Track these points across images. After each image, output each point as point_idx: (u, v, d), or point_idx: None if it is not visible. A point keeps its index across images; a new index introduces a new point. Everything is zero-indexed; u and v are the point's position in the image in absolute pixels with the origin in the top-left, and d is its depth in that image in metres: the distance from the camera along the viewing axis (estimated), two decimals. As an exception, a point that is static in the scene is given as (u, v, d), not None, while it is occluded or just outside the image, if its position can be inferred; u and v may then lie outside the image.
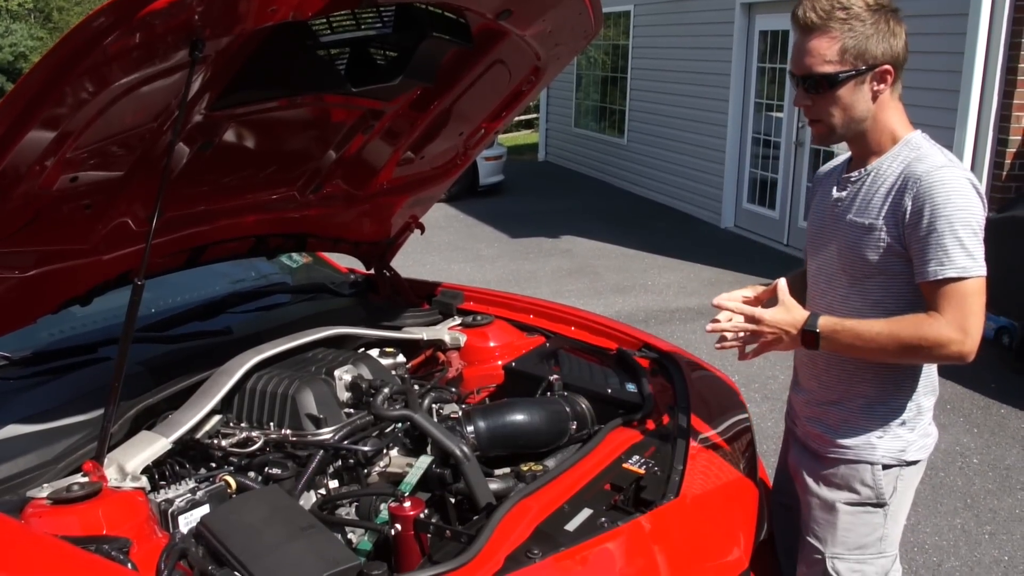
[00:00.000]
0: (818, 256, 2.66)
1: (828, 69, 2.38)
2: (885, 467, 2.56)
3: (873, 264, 2.45)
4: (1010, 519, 4.92)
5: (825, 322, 2.42)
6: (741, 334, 2.54)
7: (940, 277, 2.31)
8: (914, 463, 2.59)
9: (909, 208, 2.35)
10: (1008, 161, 7.92)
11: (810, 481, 2.66)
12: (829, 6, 2.36)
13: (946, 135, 8.24)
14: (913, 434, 2.57)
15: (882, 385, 2.55)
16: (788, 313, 2.45)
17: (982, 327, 2.34)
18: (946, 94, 8.28)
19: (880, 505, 2.58)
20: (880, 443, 2.55)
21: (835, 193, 2.60)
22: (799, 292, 2.77)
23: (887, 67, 2.39)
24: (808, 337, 2.43)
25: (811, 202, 2.79)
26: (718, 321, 2.53)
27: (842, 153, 2.73)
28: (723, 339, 2.56)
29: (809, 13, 2.39)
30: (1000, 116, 7.92)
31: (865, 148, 2.52)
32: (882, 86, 2.41)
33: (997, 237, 7.07)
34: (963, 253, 2.30)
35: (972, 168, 8.09)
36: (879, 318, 2.42)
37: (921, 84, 8.70)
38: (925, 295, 2.38)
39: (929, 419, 2.63)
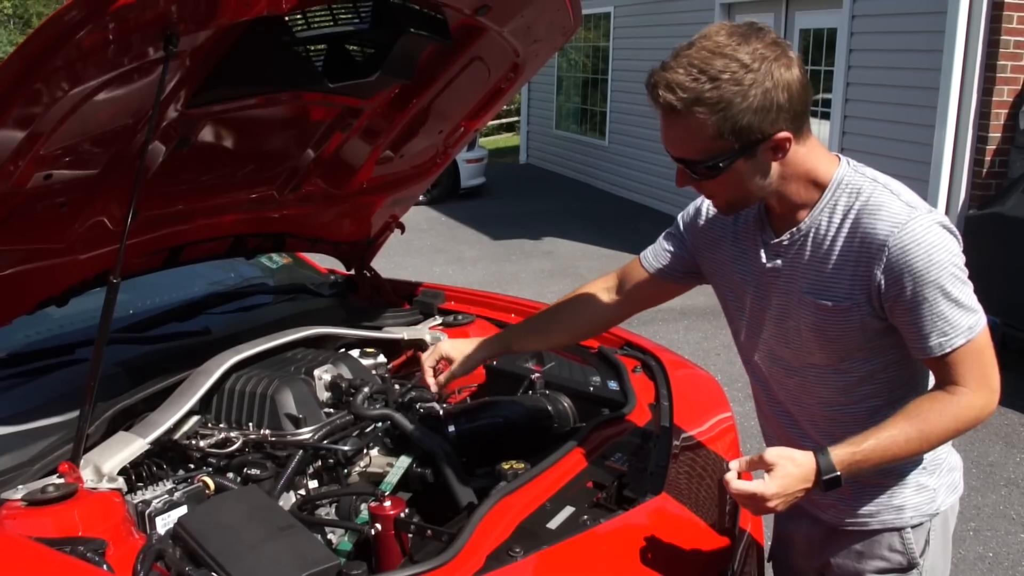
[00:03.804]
0: (766, 333, 2.24)
1: (703, 157, 1.94)
2: (913, 527, 2.22)
3: (849, 344, 2.08)
4: (994, 515, 4.93)
5: (841, 458, 1.96)
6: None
7: (948, 350, 1.96)
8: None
9: (883, 281, 1.95)
10: (988, 158, 7.96)
11: (828, 556, 2.33)
12: (690, 81, 1.84)
13: (926, 133, 8.29)
14: (935, 478, 2.22)
15: None
16: (795, 467, 1.95)
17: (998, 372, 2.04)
18: (926, 92, 8.33)
19: (911, 567, 2.24)
20: (906, 502, 2.20)
21: (767, 261, 2.16)
22: (557, 328, 2.70)
23: (782, 136, 1.92)
24: (831, 484, 1.95)
25: (711, 249, 2.34)
26: None
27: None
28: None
29: (665, 96, 1.87)
30: (980, 113, 7.98)
31: (786, 204, 2.08)
32: (780, 154, 1.96)
33: (978, 234, 7.21)
34: (963, 312, 1.95)
35: (952, 166, 8.13)
36: (871, 396, 2.13)
37: (901, 82, 8.76)
38: (933, 369, 2.04)
39: (948, 450, 2.27)
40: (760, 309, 2.23)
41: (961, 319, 1.95)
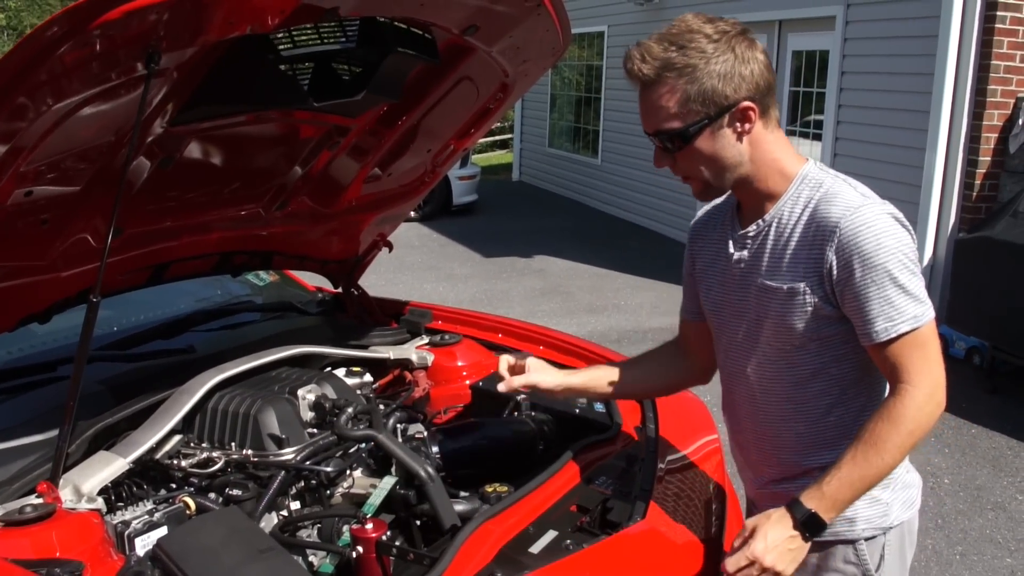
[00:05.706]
0: (728, 328, 2.32)
1: (675, 124, 2.06)
2: (867, 539, 2.24)
3: (802, 331, 2.12)
4: (981, 539, 4.92)
5: (809, 495, 2.06)
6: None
7: (893, 335, 2.01)
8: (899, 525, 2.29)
9: (835, 263, 2.03)
10: (978, 182, 8.00)
11: None
12: (661, 50, 2.02)
13: (917, 156, 8.32)
14: (889, 492, 2.24)
15: (841, 447, 2.11)
16: (770, 520, 2.07)
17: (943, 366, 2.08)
18: (917, 115, 8.37)
19: None
20: (857, 514, 2.21)
21: (734, 252, 2.26)
22: (654, 372, 2.66)
23: (746, 104, 2.05)
24: (812, 525, 2.06)
25: (695, 260, 2.44)
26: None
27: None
28: None
29: (639, 66, 2.05)
30: (970, 137, 8.02)
31: (755, 194, 2.19)
32: (747, 125, 2.08)
33: (968, 257, 7.23)
34: (910, 300, 2.01)
35: (942, 189, 8.16)
36: (823, 393, 2.18)
37: (892, 105, 8.79)
38: (876, 357, 2.08)
39: (906, 468, 2.32)
40: (728, 304, 2.31)
41: (908, 306, 2.01)
